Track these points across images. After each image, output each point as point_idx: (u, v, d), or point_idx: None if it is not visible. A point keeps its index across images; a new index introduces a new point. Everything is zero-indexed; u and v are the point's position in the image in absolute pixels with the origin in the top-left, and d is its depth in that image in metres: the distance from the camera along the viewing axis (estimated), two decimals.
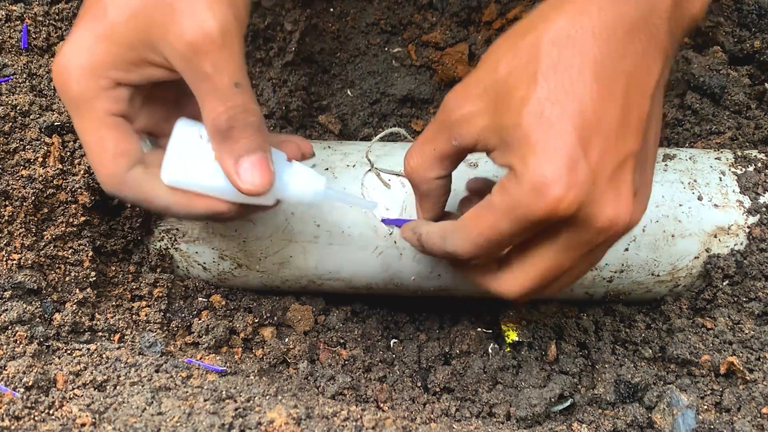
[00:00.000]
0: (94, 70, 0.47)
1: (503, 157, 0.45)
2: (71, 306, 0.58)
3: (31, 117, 0.58)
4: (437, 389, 0.63)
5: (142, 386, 0.52)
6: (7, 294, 0.56)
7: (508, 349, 0.65)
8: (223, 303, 0.65)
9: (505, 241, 0.47)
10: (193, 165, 0.49)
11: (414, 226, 0.53)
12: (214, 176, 0.49)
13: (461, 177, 0.56)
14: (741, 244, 0.62)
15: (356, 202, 0.59)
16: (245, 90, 0.47)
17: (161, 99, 0.52)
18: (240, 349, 0.63)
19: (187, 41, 0.45)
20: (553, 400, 0.59)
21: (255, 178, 0.48)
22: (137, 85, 0.49)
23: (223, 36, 0.45)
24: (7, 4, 0.62)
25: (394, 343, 0.68)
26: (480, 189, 0.56)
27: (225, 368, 0.58)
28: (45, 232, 0.58)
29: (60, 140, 0.59)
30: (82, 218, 0.60)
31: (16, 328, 0.54)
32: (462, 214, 0.49)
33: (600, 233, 0.45)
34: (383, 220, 0.61)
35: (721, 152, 0.66)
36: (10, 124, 0.57)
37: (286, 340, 0.65)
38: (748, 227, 0.61)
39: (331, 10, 0.80)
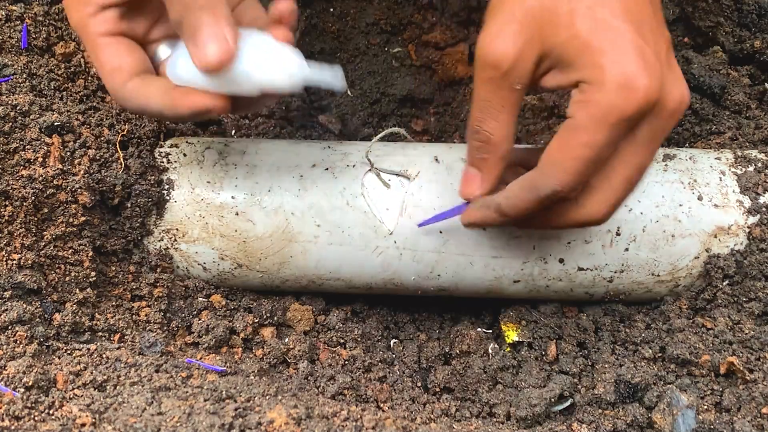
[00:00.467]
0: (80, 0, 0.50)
1: (568, 76, 0.45)
2: (71, 306, 0.58)
3: (31, 117, 0.58)
4: (437, 389, 0.63)
5: (142, 386, 0.52)
6: (7, 294, 0.56)
7: (508, 349, 0.65)
8: (223, 303, 0.65)
9: (603, 155, 0.46)
10: (185, 61, 0.50)
11: (483, 202, 0.53)
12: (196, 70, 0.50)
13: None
14: (741, 244, 0.62)
15: (329, 80, 0.53)
16: None
17: (156, 7, 0.53)
18: (240, 349, 0.63)
19: None
20: (553, 400, 0.59)
21: (209, 50, 0.48)
22: (123, 3, 0.51)
23: None
24: (7, 4, 0.62)
25: (394, 343, 0.68)
26: (521, 158, 0.55)
27: (225, 368, 0.58)
28: (45, 232, 0.58)
29: (60, 140, 0.59)
30: (82, 218, 0.60)
31: (16, 328, 0.54)
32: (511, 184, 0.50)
33: (672, 116, 0.46)
34: (421, 224, 0.60)
35: (721, 152, 0.66)
36: (10, 124, 0.57)
37: (286, 340, 0.65)
38: (748, 227, 0.61)
39: (331, 10, 0.80)
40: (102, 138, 0.61)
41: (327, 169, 0.63)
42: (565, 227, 0.52)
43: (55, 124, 0.59)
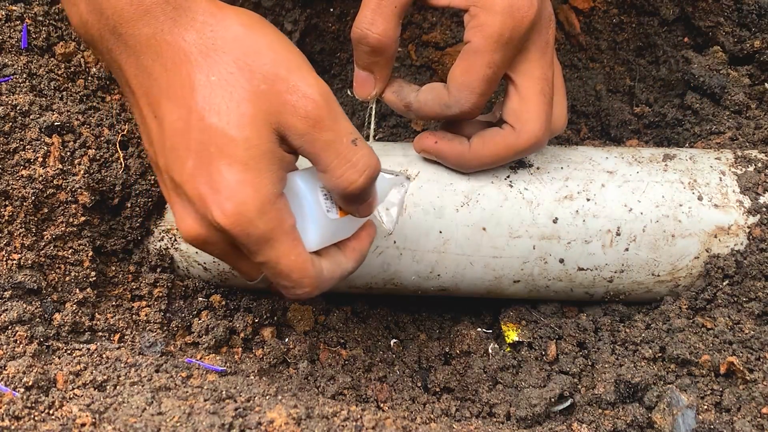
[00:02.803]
0: (269, 202, 0.46)
1: None
2: (71, 306, 0.58)
3: (31, 117, 0.58)
4: (437, 389, 0.63)
5: (142, 386, 0.52)
6: (7, 294, 0.56)
7: (508, 349, 0.65)
8: (223, 303, 0.65)
9: (500, 73, 0.54)
10: (326, 225, 0.51)
11: (396, 89, 0.58)
12: (343, 228, 0.52)
13: None
14: (741, 244, 0.62)
15: (393, 178, 0.60)
16: (361, 141, 0.48)
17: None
18: (240, 349, 0.63)
19: (301, 118, 0.45)
20: (553, 400, 0.59)
21: (369, 211, 0.52)
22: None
23: (326, 99, 0.46)
24: (7, 4, 0.62)
25: (395, 343, 0.68)
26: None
27: (225, 368, 0.58)
28: (45, 232, 0.58)
29: (60, 140, 0.59)
30: (82, 218, 0.60)
31: (16, 328, 0.54)
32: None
33: (548, 27, 0.54)
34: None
35: (721, 152, 0.66)
36: (10, 124, 0.57)
37: (286, 340, 0.65)
38: (748, 227, 0.61)
39: (331, 10, 0.80)
40: (102, 138, 0.61)
41: None
42: (512, 157, 0.58)
43: (55, 124, 0.59)
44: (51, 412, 0.49)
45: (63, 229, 0.59)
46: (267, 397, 0.53)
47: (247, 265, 0.51)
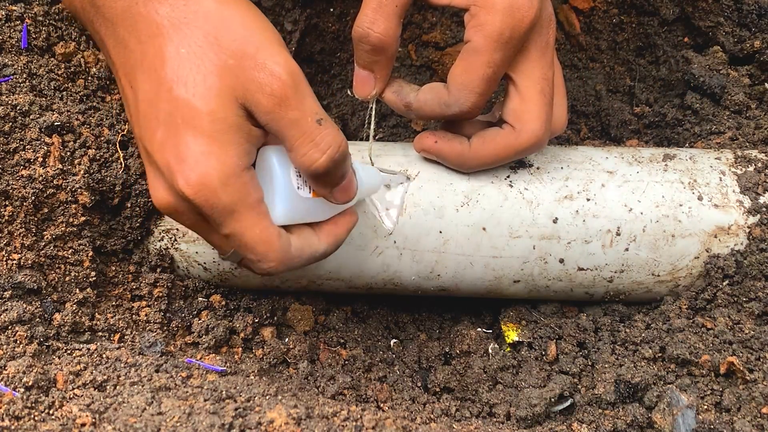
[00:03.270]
0: (233, 174, 0.47)
1: None
2: (71, 306, 0.58)
3: (31, 117, 0.58)
4: (437, 389, 0.63)
5: (142, 386, 0.52)
6: (7, 294, 0.56)
7: (508, 349, 0.65)
8: (223, 303, 0.65)
9: (500, 73, 0.54)
10: (296, 202, 0.51)
11: (396, 88, 0.58)
12: (315, 209, 0.53)
13: None
14: (741, 244, 0.62)
15: (393, 178, 0.62)
16: (327, 122, 0.48)
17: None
18: (240, 349, 0.63)
19: (267, 95, 0.46)
20: (553, 400, 0.59)
21: (345, 196, 0.52)
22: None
23: (293, 78, 0.47)
24: (7, 4, 0.62)
25: (395, 343, 0.68)
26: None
27: (225, 368, 0.58)
28: (45, 232, 0.58)
29: (60, 140, 0.59)
30: (82, 218, 0.60)
31: (16, 328, 0.54)
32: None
33: (549, 27, 0.54)
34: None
35: (721, 152, 0.66)
36: (10, 124, 0.57)
37: (286, 340, 0.65)
38: (748, 227, 0.61)
39: (331, 10, 0.80)
40: (102, 138, 0.61)
41: None
42: (513, 156, 0.58)
43: (55, 124, 0.59)
44: (51, 412, 0.49)
45: (63, 229, 0.59)
46: (267, 397, 0.53)
47: (218, 237, 0.51)
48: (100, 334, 0.59)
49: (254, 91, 0.46)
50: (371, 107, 0.60)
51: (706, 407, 0.56)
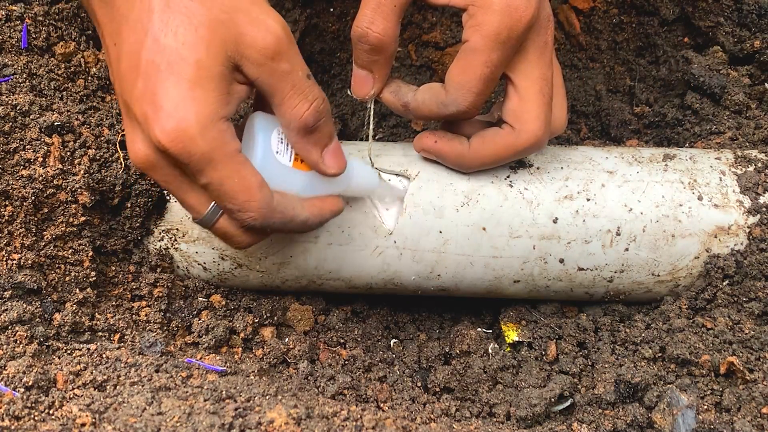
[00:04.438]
0: (211, 122, 0.47)
1: None
2: (71, 306, 0.58)
3: (31, 117, 0.58)
4: (437, 389, 0.63)
5: (142, 386, 0.52)
6: (7, 294, 0.56)
7: (508, 349, 0.65)
8: (223, 303, 0.65)
9: (498, 73, 0.54)
10: (277, 171, 0.52)
11: (394, 89, 0.58)
12: (293, 179, 0.53)
13: None
14: (741, 244, 0.62)
15: (392, 191, 0.62)
16: (313, 79, 0.50)
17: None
18: (240, 349, 0.63)
19: (261, 48, 0.47)
20: (553, 400, 0.59)
21: (336, 161, 0.53)
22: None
23: (286, 33, 0.48)
24: (7, 4, 0.62)
25: (394, 343, 0.68)
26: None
27: (225, 368, 0.58)
28: (45, 232, 0.58)
29: (60, 140, 0.59)
30: (82, 218, 0.60)
31: (16, 328, 0.54)
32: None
33: (547, 28, 0.54)
34: None
35: (721, 152, 0.66)
36: (10, 124, 0.57)
37: (286, 340, 0.65)
38: (748, 227, 0.61)
39: (331, 10, 0.80)
40: (102, 138, 0.61)
41: None
42: (512, 157, 0.58)
43: (55, 124, 0.59)
44: (51, 412, 0.49)
45: (63, 229, 0.59)
46: (267, 397, 0.53)
47: (193, 197, 0.51)
48: (100, 334, 0.59)
49: (247, 45, 0.47)
50: (370, 107, 0.60)
51: (706, 407, 0.56)
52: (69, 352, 0.55)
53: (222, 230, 0.52)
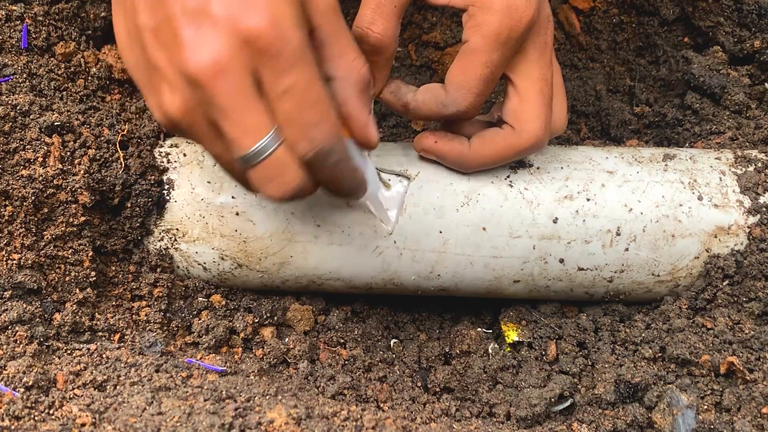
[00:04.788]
0: (300, 19, 0.44)
1: None
2: (71, 306, 0.58)
3: (31, 117, 0.58)
4: (437, 389, 0.63)
5: (142, 386, 0.52)
6: (7, 294, 0.56)
7: (508, 349, 0.66)
8: (223, 303, 0.65)
9: (498, 73, 0.54)
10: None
11: (394, 89, 0.58)
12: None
13: None
14: (741, 244, 0.62)
15: (383, 215, 0.61)
16: None
17: None
18: (240, 349, 0.63)
19: (328, 1, 0.47)
20: (553, 400, 0.59)
21: (376, 131, 0.52)
22: None
23: None
24: (7, 4, 0.62)
25: (394, 343, 0.68)
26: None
27: (225, 368, 0.58)
28: (45, 232, 0.58)
29: (60, 140, 0.59)
30: (82, 218, 0.60)
31: (16, 328, 0.55)
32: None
33: (547, 28, 0.54)
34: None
35: (721, 152, 0.66)
36: (10, 124, 0.57)
37: (286, 340, 0.65)
38: (748, 227, 0.61)
39: None
40: (102, 138, 0.61)
41: None
42: (513, 156, 0.58)
43: (55, 124, 0.59)
44: (51, 412, 0.49)
45: (63, 229, 0.59)
46: (267, 397, 0.53)
47: (255, 116, 0.44)
48: (100, 334, 0.59)
49: None
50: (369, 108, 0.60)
51: (706, 407, 0.56)
52: (69, 352, 0.56)
53: (277, 162, 0.46)
